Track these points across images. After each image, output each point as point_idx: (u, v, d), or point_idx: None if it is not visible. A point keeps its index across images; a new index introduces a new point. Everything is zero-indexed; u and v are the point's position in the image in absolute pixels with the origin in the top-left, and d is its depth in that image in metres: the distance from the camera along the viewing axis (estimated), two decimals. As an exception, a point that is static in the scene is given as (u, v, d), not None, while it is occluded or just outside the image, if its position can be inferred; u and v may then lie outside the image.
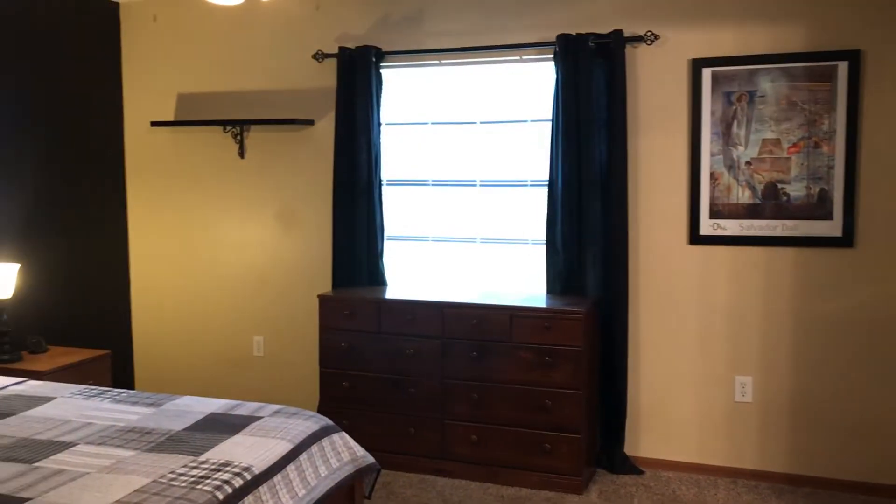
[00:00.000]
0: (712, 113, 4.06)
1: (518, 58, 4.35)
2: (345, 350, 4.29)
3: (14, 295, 4.22)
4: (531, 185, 4.42)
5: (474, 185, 4.54)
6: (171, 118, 5.08)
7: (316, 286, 4.79)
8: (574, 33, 4.10)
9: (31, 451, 2.77)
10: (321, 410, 4.30)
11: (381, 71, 4.53)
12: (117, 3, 5.12)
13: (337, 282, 4.66)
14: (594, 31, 4.11)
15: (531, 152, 4.40)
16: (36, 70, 4.57)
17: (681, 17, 4.07)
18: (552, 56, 4.18)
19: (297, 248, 4.92)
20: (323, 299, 4.36)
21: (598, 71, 4.11)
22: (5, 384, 3.58)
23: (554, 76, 4.16)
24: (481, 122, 4.50)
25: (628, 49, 4.11)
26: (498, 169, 4.49)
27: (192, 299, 5.19)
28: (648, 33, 4.09)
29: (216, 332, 5.15)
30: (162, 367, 5.31)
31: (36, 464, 2.65)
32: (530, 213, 4.42)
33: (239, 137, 4.92)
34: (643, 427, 4.30)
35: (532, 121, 4.40)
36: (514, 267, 4.52)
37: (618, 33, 4.05)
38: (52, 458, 2.70)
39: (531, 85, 4.38)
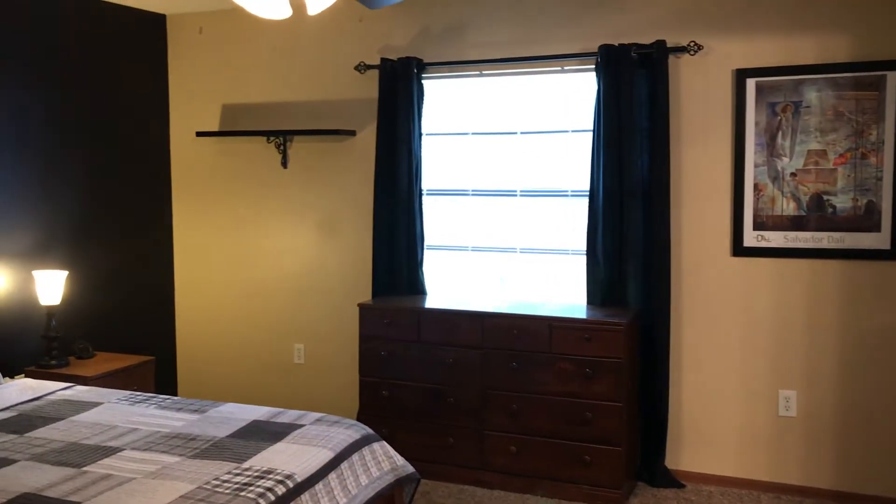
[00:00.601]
0: (756, 123, 4.01)
1: (559, 68, 4.35)
2: (384, 359, 4.31)
3: (62, 301, 4.32)
4: (572, 196, 4.41)
5: (514, 196, 4.55)
6: (215, 128, 5.17)
7: (356, 295, 4.82)
8: (616, 44, 4.09)
9: (80, 455, 2.83)
10: (360, 418, 4.33)
11: (423, 82, 4.56)
12: (164, 16, 5.22)
13: (377, 290, 4.69)
14: (637, 41, 4.09)
15: (572, 162, 4.39)
16: (85, 80, 4.68)
17: (725, 27, 4.03)
18: (594, 66, 4.17)
19: (338, 257, 4.96)
20: (363, 308, 4.39)
21: (641, 81, 4.10)
22: (54, 389, 3.67)
23: (595, 86, 4.15)
24: (522, 133, 4.51)
25: (671, 59, 4.09)
26: (538, 179, 4.49)
27: (234, 306, 5.26)
28: (692, 44, 4.06)
29: (257, 339, 5.21)
30: (204, 374, 5.38)
31: (84, 468, 2.70)
32: (571, 223, 4.41)
33: (282, 147, 4.98)
34: (685, 440, 4.26)
35: (573, 131, 4.39)
36: (554, 277, 4.50)
37: (661, 43, 4.03)
38: (99, 462, 2.76)
39: (572, 95, 4.38)
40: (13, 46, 4.23)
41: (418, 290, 4.62)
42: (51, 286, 4.20)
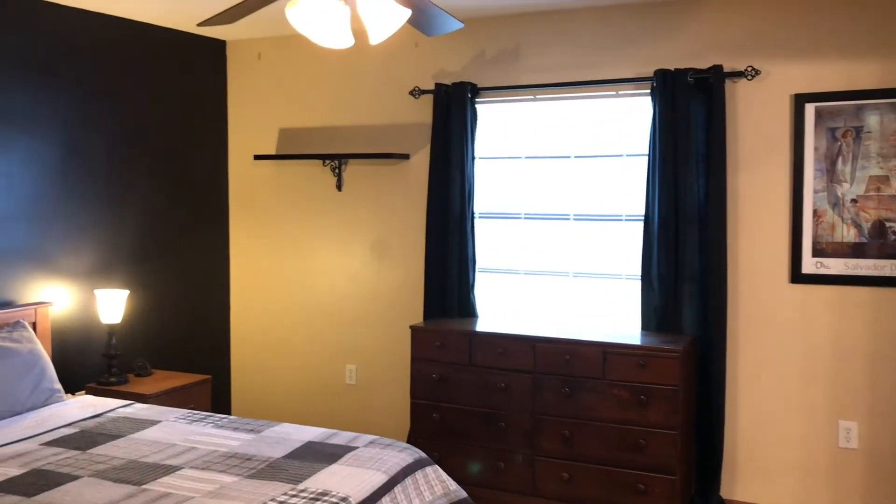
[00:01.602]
0: (815, 149, 3.95)
1: (614, 92, 4.35)
2: (436, 381, 4.32)
3: (122, 320, 4.42)
4: (626, 220, 4.39)
5: (567, 219, 4.54)
6: (272, 152, 5.26)
7: (408, 317, 4.85)
8: (672, 68, 4.08)
9: (140, 473, 2.88)
10: (411, 441, 4.34)
11: (476, 106, 4.59)
12: (224, 42, 5.35)
13: (428, 313, 4.71)
14: (693, 66, 4.07)
15: (626, 187, 4.37)
16: (147, 104, 4.82)
17: (783, 52, 3.99)
18: (649, 91, 4.16)
19: (390, 279, 5.00)
20: (415, 330, 4.41)
21: (697, 106, 4.07)
22: (114, 406, 3.75)
23: (651, 111, 4.13)
24: (575, 157, 4.50)
25: (728, 84, 4.06)
26: (592, 203, 4.48)
27: (288, 326, 5.33)
28: (749, 68, 4.03)
29: (310, 359, 5.27)
30: (257, 393, 5.45)
31: (144, 486, 2.76)
32: (625, 247, 4.38)
33: (337, 171, 5.05)
34: (740, 470, 4.17)
35: (628, 155, 4.37)
36: (607, 302, 4.47)
37: (717, 68, 4.00)
38: (159, 480, 2.81)
39: (627, 119, 4.37)
40: (79, 71, 4.38)
41: (470, 312, 4.63)
42: (112, 305, 4.30)
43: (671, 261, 4.14)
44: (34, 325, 4.01)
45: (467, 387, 4.24)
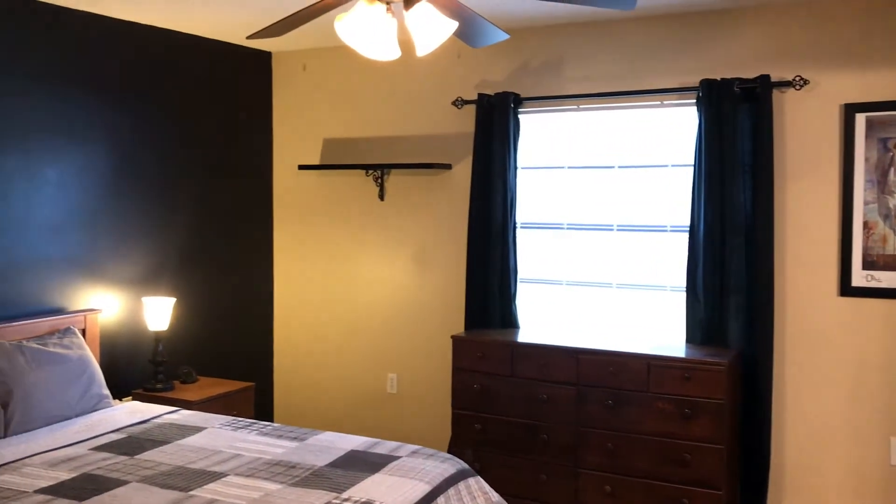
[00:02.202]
0: (866, 160, 3.88)
1: (658, 102, 4.32)
2: (477, 392, 4.31)
3: (169, 327, 4.49)
4: (671, 231, 4.34)
5: (611, 230, 4.50)
6: (317, 162, 5.32)
7: (449, 326, 4.85)
8: (718, 78, 4.04)
9: (186, 479, 2.92)
10: (452, 451, 4.33)
11: (519, 116, 4.59)
12: (270, 53, 5.42)
13: (470, 323, 4.70)
14: (739, 75, 4.03)
15: (671, 197, 4.33)
16: (194, 115, 4.90)
17: (832, 61, 3.93)
18: (694, 101, 4.12)
19: (432, 289, 5.01)
20: (456, 340, 4.41)
21: (743, 116, 4.02)
22: (161, 412, 3.81)
23: (696, 121, 4.09)
24: (619, 167, 4.47)
25: (775, 94, 4.00)
26: (636, 213, 4.44)
27: (330, 335, 5.36)
28: (797, 78, 3.97)
29: (351, 367, 5.29)
30: (299, 400, 5.49)
31: (191, 492, 2.79)
32: (670, 259, 4.34)
33: (379, 181, 5.08)
34: (787, 486, 4.09)
35: (673, 165, 4.33)
36: (651, 314, 4.43)
37: (764, 78, 3.95)
38: (205, 487, 2.84)
39: (672, 129, 4.33)
40: (129, 84, 4.47)
41: (511, 323, 4.62)
42: (159, 312, 4.37)
43: (716, 272, 4.08)
44: (84, 332, 4.09)
45: (509, 398, 4.22)
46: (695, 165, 4.11)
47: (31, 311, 3.96)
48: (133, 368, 4.50)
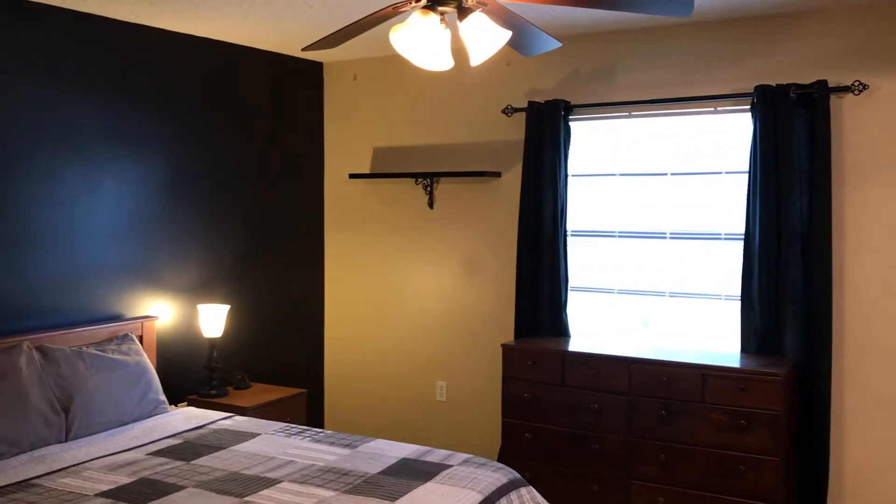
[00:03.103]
0: (929, 165, 3.78)
1: (712, 109, 4.26)
2: (527, 401, 4.29)
3: (222, 333, 4.56)
4: (725, 239, 4.28)
5: (664, 238, 4.45)
6: (367, 170, 5.36)
7: (499, 334, 4.84)
8: (773, 84, 3.97)
9: (241, 485, 2.96)
10: (501, 460, 4.31)
11: (570, 123, 4.57)
12: (322, 63, 5.48)
13: (520, 331, 4.69)
14: (795, 81, 3.96)
15: (725, 204, 4.27)
16: (247, 124, 4.97)
17: (892, 65, 3.83)
18: (749, 107, 4.06)
19: (481, 296, 5.00)
20: (506, 348, 4.40)
21: (800, 122, 3.95)
22: (215, 418, 3.86)
23: (751, 127, 4.03)
24: (672, 174, 4.42)
25: (833, 99, 3.92)
26: (689, 221, 4.39)
27: (379, 342, 5.39)
28: (856, 83, 3.88)
29: (401, 375, 5.31)
30: (349, 407, 5.52)
31: (246, 498, 2.82)
32: (724, 267, 4.27)
33: (429, 189, 5.10)
34: (847, 501, 3.99)
35: (727, 172, 4.27)
36: (705, 323, 4.36)
37: (822, 83, 3.87)
38: (260, 493, 2.87)
39: (725, 136, 4.27)
40: (185, 95, 4.56)
41: (562, 332, 4.59)
42: (214, 319, 4.44)
43: (772, 281, 4.01)
44: (141, 338, 4.17)
45: (560, 407, 4.19)
46: (749, 172, 4.05)
47: (90, 318, 4.05)
48: (188, 374, 4.58)
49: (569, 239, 4.64)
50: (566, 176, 4.58)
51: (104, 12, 3.99)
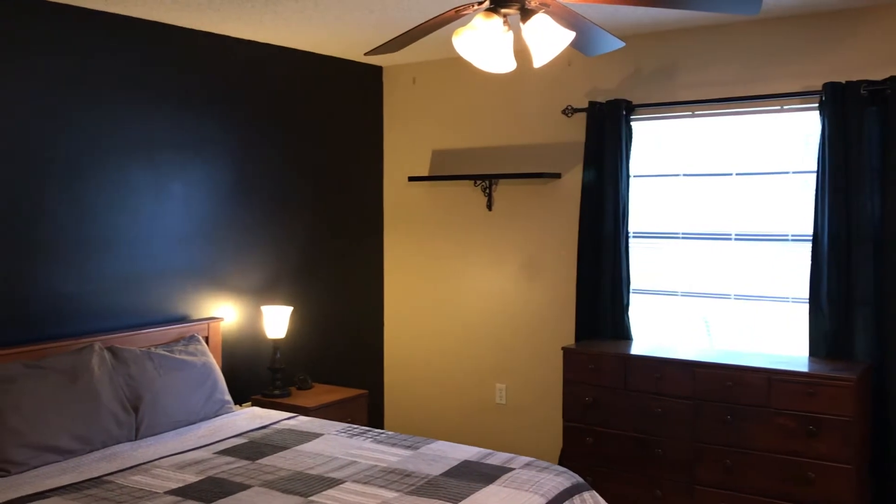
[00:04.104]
0: None
1: (778, 107, 4.17)
2: (589, 404, 4.25)
3: (285, 335, 4.62)
4: (792, 240, 4.18)
5: (729, 239, 4.37)
6: (425, 173, 5.38)
7: (558, 337, 4.81)
8: (843, 81, 3.87)
9: (306, 485, 2.99)
10: (562, 464, 4.28)
11: (631, 123, 4.52)
12: (381, 67, 5.53)
13: (580, 334, 4.65)
14: (866, 77, 3.84)
15: (792, 205, 4.17)
16: (309, 128, 5.04)
17: (971, 58, 3.70)
18: (817, 105, 3.96)
19: (541, 299, 4.98)
20: (567, 351, 4.37)
21: (871, 119, 3.83)
22: (279, 418, 3.92)
23: (819, 125, 3.93)
24: (737, 174, 4.34)
25: (906, 95, 3.80)
26: (755, 222, 4.30)
27: (439, 344, 5.40)
28: (931, 78, 3.76)
29: (460, 377, 5.32)
30: (409, 409, 5.55)
31: (311, 497, 2.86)
32: (791, 268, 4.17)
33: (487, 191, 5.09)
34: (923, 511, 3.86)
35: (794, 172, 4.17)
36: (771, 326, 4.27)
37: (894, 80, 3.75)
38: (324, 493, 2.91)
39: (792, 135, 4.17)
40: (248, 100, 4.64)
41: (624, 335, 4.54)
42: (277, 321, 4.51)
43: (842, 283, 3.90)
44: (207, 339, 4.26)
45: (622, 411, 4.15)
46: (818, 172, 3.95)
47: (158, 320, 4.16)
48: (252, 375, 4.66)
49: (631, 241, 4.59)
50: (628, 176, 4.53)
51: (171, 20, 4.09)
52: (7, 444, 3.10)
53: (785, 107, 4.15)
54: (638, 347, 4.33)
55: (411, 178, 5.29)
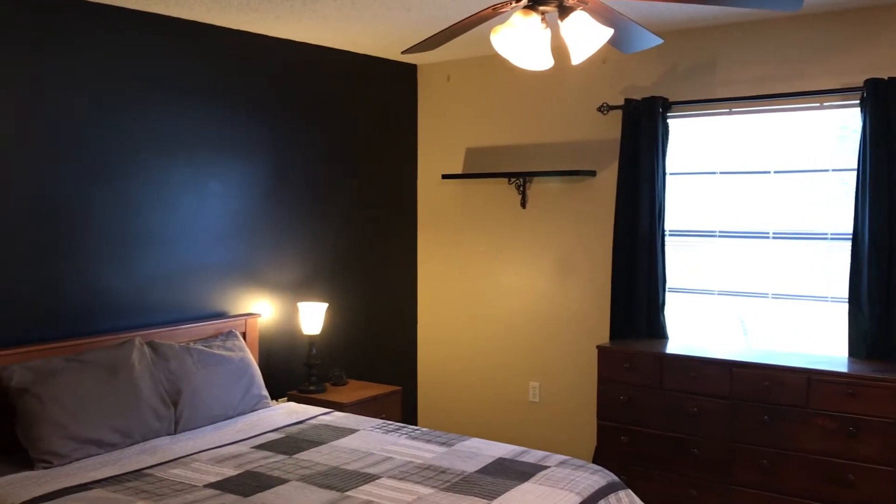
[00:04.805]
0: None
1: (818, 104, 4.11)
2: (623, 403, 4.23)
3: (321, 331, 4.66)
4: (832, 239, 4.12)
5: (766, 238, 4.32)
6: (459, 171, 5.39)
7: (593, 335, 4.80)
8: (885, 77, 3.80)
9: (342, 479, 3.02)
10: (596, 462, 4.27)
11: (668, 121, 4.49)
12: (416, 66, 5.54)
13: (615, 332, 4.63)
14: (910, 73, 3.79)
15: (832, 203, 4.11)
16: (344, 126, 5.07)
17: None
18: (858, 101, 3.90)
19: (575, 297, 4.96)
20: (602, 350, 4.35)
21: (914, 116, 3.77)
22: (315, 414, 3.95)
23: (860, 122, 3.87)
24: (775, 172, 4.29)
25: (951, 91, 3.73)
26: (794, 220, 4.24)
27: (472, 341, 5.41)
28: (977, 73, 3.69)
29: (494, 374, 5.32)
30: (442, 405, 5.57)
31: (347, 493, 2.88)
32: (830, 268, 4.12)
33: (521, 188, 5.09)
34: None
35: (833, 170, 4.11)
36: (809, 326, 4.21)
37: (939, 75, 3.70)
38: (360, 488, 2.93)
39: (832, 131, 4.11)
40: (284, 99, 4.68)
41: (659, 333, 4.51)
42: (313, 317, 4.55)
43: (883, 282, 3.84)
44: (244, 335, 4.31)
45: (657, 410, 4.13)
46: (858, 169, 3.89)
47: (197, 315, 4.21)
48: (288, 370, 4.70)
49: (667, 239, 4.56)
50: (664, 174, 4.50)
51: (210, 20, 4.14)
52: (51, 436, 3.17)
53: (825, 104, 4.09)
54: (674, 346, 4.30)
55: (445, 176, 5.30)
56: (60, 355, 3.46)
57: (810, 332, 4.21)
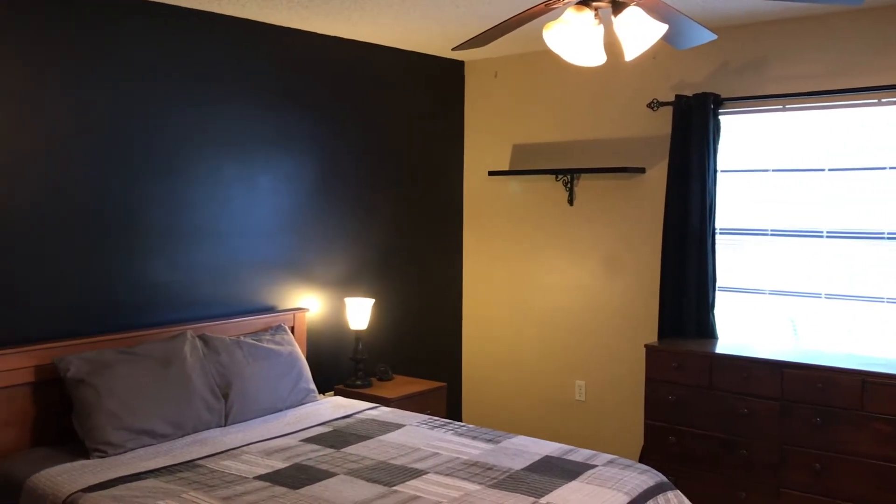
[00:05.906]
0: None
1: (876, 100, 4.01)
2: (671, 403, 4.19)
3: (367, 326, 4.69)
4: (888, 238, 4.03)
5: (820, 237, 4.24)
6: (506, 167, 5.37)
7: (640, 334, 4.75)
8: (947, 72, 3.71)
9: (389, 474, 3.04)
10: (642, 462, 4.23)
11: (719, 117, 4.42)
12: (463, 62, 5.54)
13: (663, 331, 4.58)
14: (973, 68, 3.67)
15: (889, 201, 4.02)
16: (391, 123, 5.09)
17: None
18: (918, 97, 3.81)
19: (622, 295, 4.92)
20: (650, 349, 4.31)
21: (978, 112, 3.66)
22: (362, 408, 3.99)
23: (920, 119, 3.78)
24: (830, 170, 4.20)
25: None
26: (848, 219, 4.15)
27: (518, 338, 5.40)
28: None
29: (539, 372, 5.30)
30: (486, 402, 5.56)
31: (394, 487, 2.90)
32: (887, 267, 4.02)
33: (569, 185, 5.06)
34: None
35: (890, 168, 4.01)
36: (863, 327, 4.12)
37: None
38: (407, 483, 2.95)
39: (891, 128, 4.01)
40: (333, 96, 4.71)
41: (708, 333, 4.45)
42: (359, 312, 4.58)
43: (943, 284, 3.75)
44: (292, 329, 4.36)
45: (706, 411, 4.07)
46: (918, 167, 3.80)
47: (247, 309, 4.27)
48: (334, 365, 4.74)
49: (717, 237, 4.49)
50: (715, 172, 4.43)
51: (262, 18, 4.19)
52: (105, 426, 3.24)
53: (883, 100, 3.99)
54: (724, 346, 4.24)
55: (491, 173, 5.29)
56: (114, 347, 3.53)
57: (865, 333, 4.12)
